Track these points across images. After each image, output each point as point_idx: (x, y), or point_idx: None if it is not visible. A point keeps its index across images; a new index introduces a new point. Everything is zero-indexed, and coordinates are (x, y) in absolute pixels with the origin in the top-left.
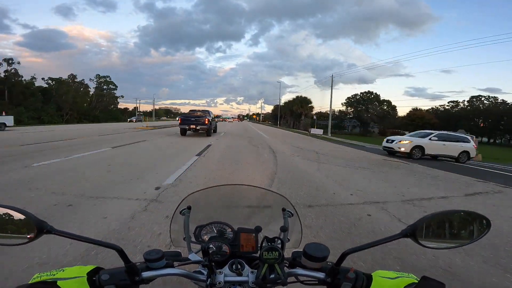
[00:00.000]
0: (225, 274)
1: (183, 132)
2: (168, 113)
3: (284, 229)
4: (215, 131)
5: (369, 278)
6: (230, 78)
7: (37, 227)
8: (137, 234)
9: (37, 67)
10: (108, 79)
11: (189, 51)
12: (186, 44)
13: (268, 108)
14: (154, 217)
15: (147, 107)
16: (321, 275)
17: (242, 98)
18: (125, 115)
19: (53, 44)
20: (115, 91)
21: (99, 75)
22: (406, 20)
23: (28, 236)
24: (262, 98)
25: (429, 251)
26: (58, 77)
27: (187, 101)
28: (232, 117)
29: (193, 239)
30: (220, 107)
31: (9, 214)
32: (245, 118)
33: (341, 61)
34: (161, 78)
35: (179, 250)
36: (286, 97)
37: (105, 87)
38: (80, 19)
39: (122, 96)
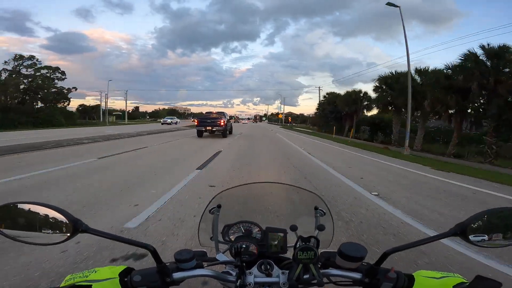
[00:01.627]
0: (254, 275)
1: (200, 134)
2: (173, 113)
3: (321, 228)
4: (230, 132)
5: (410, 279)
6: (246, 79)
7: (73, 226)
8: None
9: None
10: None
11: (205, 52)
12: (202, 45)
13: (287, 109)
14: None
15: (150, 107)
16: (357, 275)
17: (258, 98)
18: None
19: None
20: (57, 80)
21: (19, 55)
22: (430, 16)
23: (65, 235)
24: (280, 95)
25: None
26: None
27: (204, 102)
28: (248, 118)
29: (220, 238)
30: (236, 108)
31: (45, 212)
32: (263, 118)
33: (360, 60)
34: (179, 79)
35: (204, 250)
36: (303, 97)
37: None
38: (99, 22)
39: (75, 89)
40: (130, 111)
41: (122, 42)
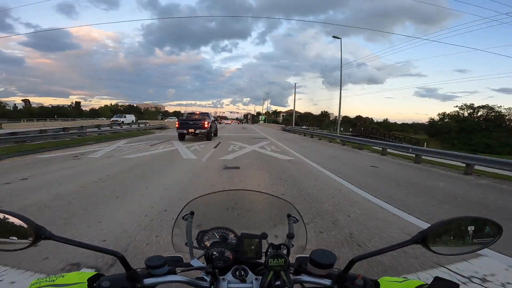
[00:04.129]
0: (228, 281)
1: (181, 137)
2: (131, 111)
3: (290, 236)
4: (215, 134)
5: (376, 284)
6: (236, 79)
7: (35, 233)
8: None
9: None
10: None
11: (194, 50)
12: (191, 43)
13: (275, 109)
14: None
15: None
16: (327, 282)
17: (248, 99)
18: None
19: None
20: None
21: None
22: (421, 17)
23: (27, 242)
24: (268, 97)
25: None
26: None
27: (193, 102)
28: (231, 119)
29: (195, 244)
30: (226, 108)
31: (7, 219)
32: (261, 118)
33: (350, 60)
34: (168, 79)
35: (180, 255)
36: (292, 98)
37: None
38: (83, 18)
39: None
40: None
41: (108, 39)
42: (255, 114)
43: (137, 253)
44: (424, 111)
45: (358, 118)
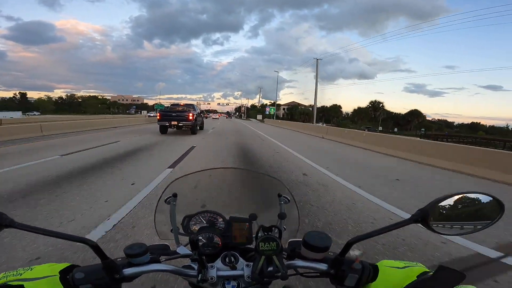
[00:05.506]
0: (217, 268)
1: (163, 130)
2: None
3: (282, 216)
4: (201, 128)
5: (375, 268)
6: (227, 73)
7: None
8: None
9: None
10: None
11: (184, 43)
12: (181, 36)
13: (267, 102)
14: None
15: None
16: (323, 266)
17: (239, 92)
18: None
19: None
20: None
21: None
22: (415, 12)
23: None
24: (261, 90)
25: None
26: None
27: (183, 95)
28: (220, 113)
29: (181, 230)
30: (217, 101)
31: None
32: (237, 114)
33: (342, 56)
34: (158, 72)
35: (166, 244)
36: (284, 92)
37: None
38: (67, 10)
39: None
40: None
41: (95, 33)
42: (249, 107)
43: None
44: (413, 106)
45: (412, 114)
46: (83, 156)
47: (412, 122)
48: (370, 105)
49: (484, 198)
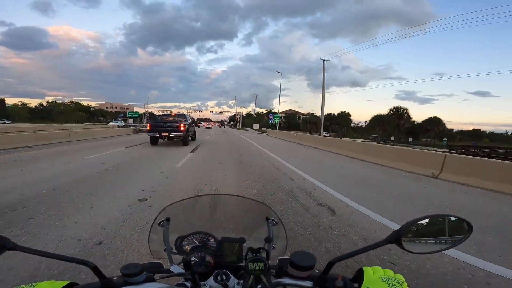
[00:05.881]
0: (210, 286)
1: (154, 141)
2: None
3: (268, 240)
4: (193, 138)
5: (356, 279)
6: (221, 81)
7: None
8: None
9: None
10: None
11: (178, 51)
12: (175, 43)
13: (265, 110)
14: None
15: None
16: (309, 284)
17: (233, 101)
18: None
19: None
20: None
21: None
22: (406, 19)
23: None
24: (256, 98)
25: None
26: None
27: (177, 104)
28: (213, 121)
29: (174, 250)
30: (211, 109)
31: None
32: (231, 123)
33: (335, 63)
34: (151, 80)
35: (160, 262)
36: (277, 100)
37: None
38: (60, 16)
39: None
40: None
41: (89, 39)
42: (244, 115)
43: None
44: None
45: (431, 121)
46: None
47: (431, 130)
48: (391, 112)
49: (454, 220)
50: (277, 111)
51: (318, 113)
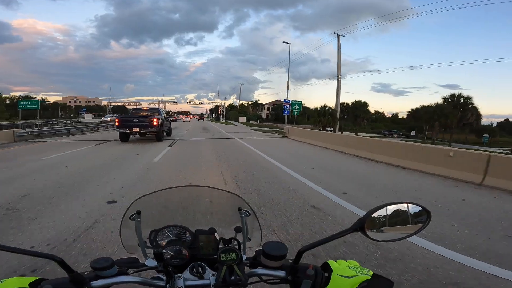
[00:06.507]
0: (185, 278)
1: (124, 138)
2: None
3: (238, 229)
4: (169, 134)
5: (328, 274)
6: (201, 74)
7: None
8: None
9: None
10: None
11: (155, 43)
12: (152, 36)
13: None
14: None
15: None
16: (281, 273)
17: (213, 93)
18: None
19: None
20: None
21: None
22: (383, 14)
23: None
24: (236, 90)
25: None
26: None
27: (155, 97)
28: (192, 114)
29: (148, 244)
30: (189, 101)
31: None
32: (214, 115)
33: (315, 56)
34: (127, 73)
35: (135, 257)
36: (258, 93)
37: None
38: (25, 9)
39: None
40: None
41: (57, 32)
42: (227, 107)
43: None
44: (380, 105)
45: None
46: None
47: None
48: (445, 102)
49: (414, 207)
50: (261, 103)
51: (306, 104)
